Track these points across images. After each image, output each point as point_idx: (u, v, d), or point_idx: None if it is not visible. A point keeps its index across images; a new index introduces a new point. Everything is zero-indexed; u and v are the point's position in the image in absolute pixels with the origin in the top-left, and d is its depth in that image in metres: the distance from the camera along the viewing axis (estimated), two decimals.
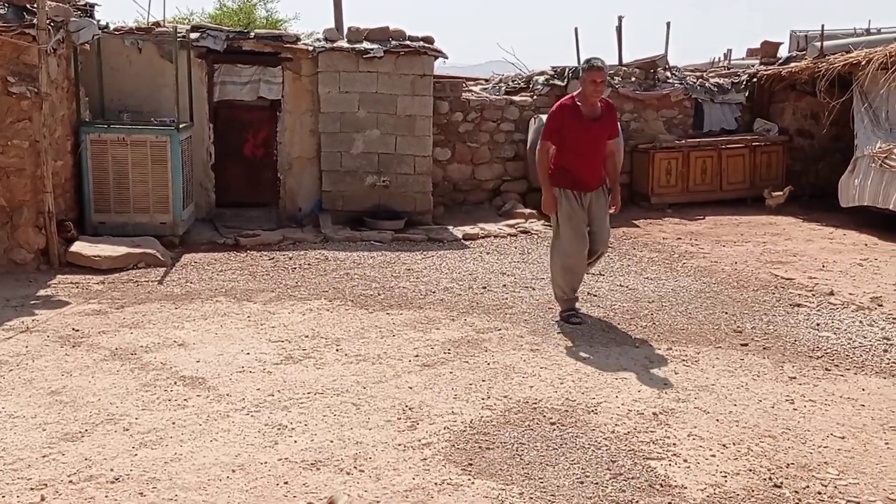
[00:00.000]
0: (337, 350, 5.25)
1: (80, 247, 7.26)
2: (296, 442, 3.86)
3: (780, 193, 11.35)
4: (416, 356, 5.17)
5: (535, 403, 4.43)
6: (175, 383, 4.59)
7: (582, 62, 6.24)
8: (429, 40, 9.87)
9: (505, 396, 4.52)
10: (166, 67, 9.01)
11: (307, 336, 5.52)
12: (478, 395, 4.53)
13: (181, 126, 8.40)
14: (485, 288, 6.99)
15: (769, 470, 3.74)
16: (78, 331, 5.50)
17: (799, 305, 6.59)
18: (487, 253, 8.53)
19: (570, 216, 5.84)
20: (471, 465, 3.69)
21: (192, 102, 9.08)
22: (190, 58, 9.06)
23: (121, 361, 4.92)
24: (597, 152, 5.86)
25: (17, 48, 6.82)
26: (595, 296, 6.76)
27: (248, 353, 5.13)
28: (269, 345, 5.31)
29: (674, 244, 9.21)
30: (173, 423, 4.03)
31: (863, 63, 10.05)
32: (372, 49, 9.57)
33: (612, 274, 7.65)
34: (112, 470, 3.54)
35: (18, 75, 6.88)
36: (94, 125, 8.09)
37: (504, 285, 7.10)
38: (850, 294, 6.92)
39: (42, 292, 6.44)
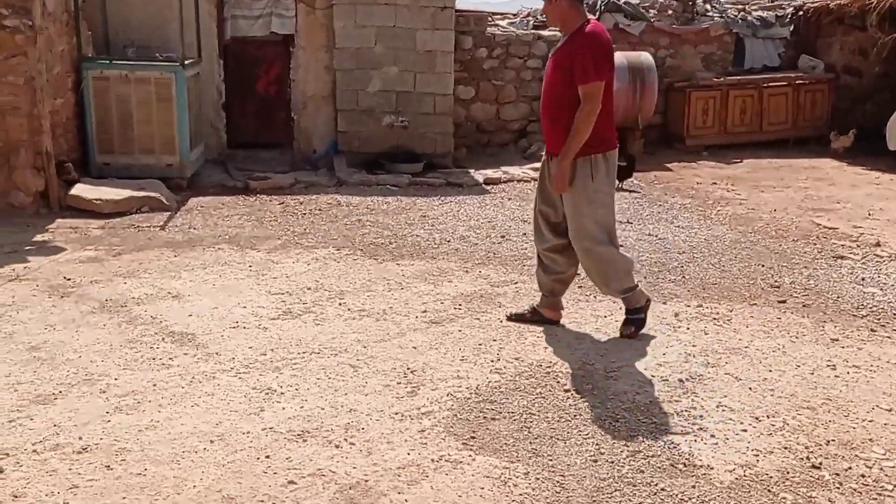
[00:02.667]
0: (340, 304, 4.90)
1: (80, 190, 6.95)
2: (284, 409, 3.54)
3: (847, 136, 10.64)
4: (424, 312, 4.81)
5: (549, 367, 4.06)
6: (162, 340, 4.28)
7: None
8: None
9: (516, 359, 4.15)
10: (174, 0, 8.53)
11: (310, 288, 5.17)
12: (487, 357, 4.16)
13: (187, 62, 7.97)
14: (503, 237, 6.57)
15: (807, 448, 3.34)
16: (69, 280, 5.21)
17: (842, 258, 6.10)
18: (509, 199, 8.08)
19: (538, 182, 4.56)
20: (473, 438, 3.35)
21: (201, 37, 8.64)
22: None
23: (109, 314, 4.63)
24: (548, 98, 4.25)
25: None
26: (621, 245, 6.30)
27: (245, 307, 4.80)
28: (269, 298, 4.98)
29: (708, 189, 8.68)
30: (154, 385, 3.73)
31: None
32: None
33: (640, 221, 7.18)
34: (80, 438, 3.25)
35: (12, 7, 6.48)
36: (95, 61, 7.70)
37: (524, 234, 6.67)
38: None
39: (38, 237, 6.16)
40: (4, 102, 6.53)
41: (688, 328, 4.65)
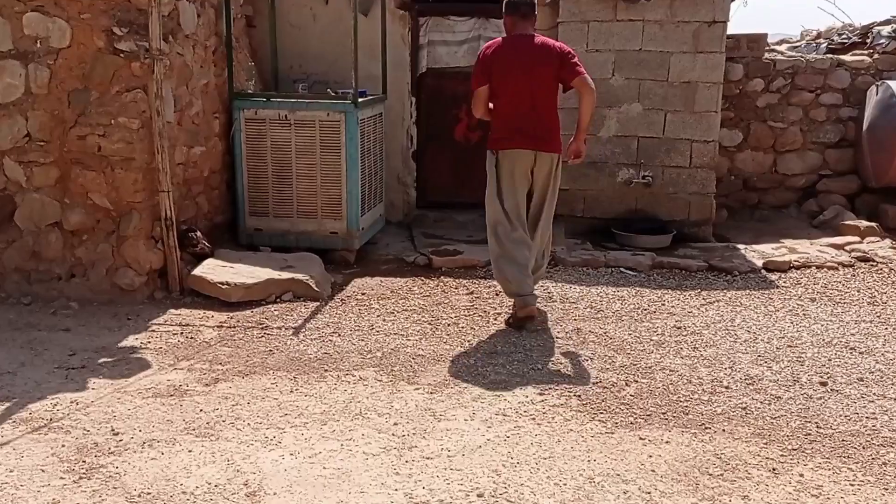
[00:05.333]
0: None
1: (206, 269, 5.20)
2: None
3: None
4: None
5: None
6: None
7: None
8: None
9: None
10: (359, 24, 6.75)
11: (481, 495, 2.88)
12: None
13: (365, 100, 6.11)
14: (824, 384, 3.89)
15: None
16: (116, 435, 3.32)
17: None
18: (811, 299, 5.31)
19: None
20: None
21: (387, 69, 6.78)
22: (385, 8, 6.75)
23: None
24: None
25: None
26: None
27: None
28: None
29: None
30: None
31: None
32: None
33: None
34: None
35: (129, 26, 4.92)
36: (249, 99, 6.03)
37: (860, 379, 3.95)
38: None
39: (128, 341, 4.42)
40: (113, 152, 4.94)
41: None
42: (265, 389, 3.79)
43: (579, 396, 3.74)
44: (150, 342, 4.42)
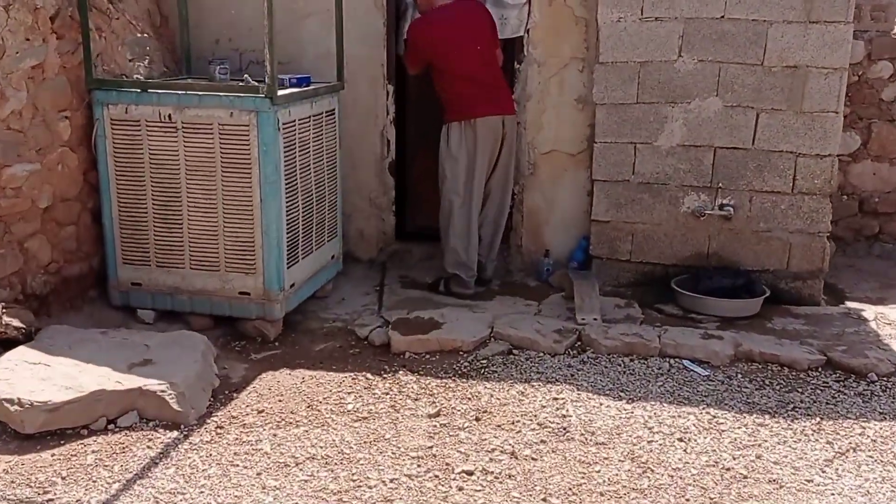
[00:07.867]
0: None
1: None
2: None
3: None
4: None
5: None
6: None
7: None
8: None
9: None
10: None
11: None
12: None
13: (284, 92, 4.01)
14: None
15: None
16: None
17: None
18: None
19: None
20: None
21: (348, 44, 4.66)
22: None
23: None
24: None
25: None
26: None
27: None
28: None
29: None
30: None
31: None
32: None
33: None
34: None
35: None
36: (114, 88, 3.96)
37: None
38: None
39: None
40: None
41: None
42: None
43: None
44: None
